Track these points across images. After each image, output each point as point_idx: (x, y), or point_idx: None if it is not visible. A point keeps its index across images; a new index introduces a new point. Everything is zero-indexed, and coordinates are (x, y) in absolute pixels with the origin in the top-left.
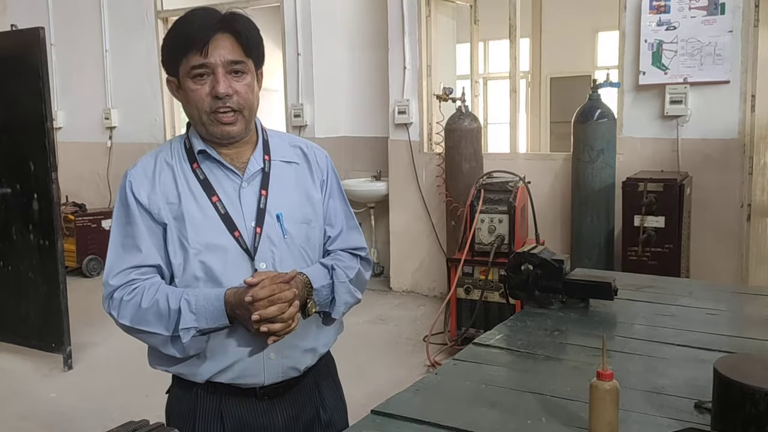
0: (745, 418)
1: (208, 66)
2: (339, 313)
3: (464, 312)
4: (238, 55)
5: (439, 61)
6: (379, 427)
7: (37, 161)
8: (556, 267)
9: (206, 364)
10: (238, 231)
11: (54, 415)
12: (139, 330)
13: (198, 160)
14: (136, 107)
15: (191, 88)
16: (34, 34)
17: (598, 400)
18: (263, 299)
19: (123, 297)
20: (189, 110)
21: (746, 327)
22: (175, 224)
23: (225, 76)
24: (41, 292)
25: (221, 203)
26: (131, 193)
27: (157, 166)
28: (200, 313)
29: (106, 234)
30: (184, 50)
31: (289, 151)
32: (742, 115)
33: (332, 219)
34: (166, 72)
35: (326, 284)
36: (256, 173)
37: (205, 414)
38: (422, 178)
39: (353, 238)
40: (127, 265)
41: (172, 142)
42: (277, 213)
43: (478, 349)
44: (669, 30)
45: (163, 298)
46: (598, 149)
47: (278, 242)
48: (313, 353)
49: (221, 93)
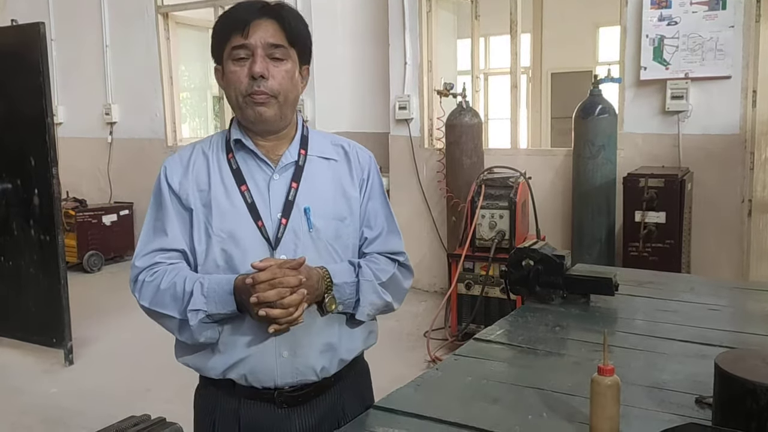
0: (746, 413)
1: (248, 47)
2: (364, 314)
3: (465, 307)
4: (279, 40)
5: (440, 57)
6: (380, 422)
7: (38, 156)
8: (556, 262)
9: (217, 357)
10: (261, 221)
11: (55, 410)
12: (156, 312)
13: (233, 150)
14: (136, 103)
15: (231, 69)
16: (34, 30)
17: (599, 396)
18: (263, 282)
19: (145, 279)
20: (228, 93)
21: (747, 322)
22: (202, 211)
23: (263, 58)
24: (42, 288)
25: (249, 192)
26: (165, 178)
27: (193, 155)
28: (210, 296)
29: (106, 229)
30: (227, 33)
31: (329, 148)
32: (744, 111)
33: (371, 220)
34: (214, 61)
35: (350, 281)
36: (289, 165)
37: (223, 416)
38: (423, 173)
39: (393, 242)
40: (154, 247)
41: (213, 135)
42: (305, 207)
43: (479, 344)
44: (670, 25)
45: (181, 281)
46: (599, 145)
47: (303, 236)
48: (332, 356)
49: (256, 72)
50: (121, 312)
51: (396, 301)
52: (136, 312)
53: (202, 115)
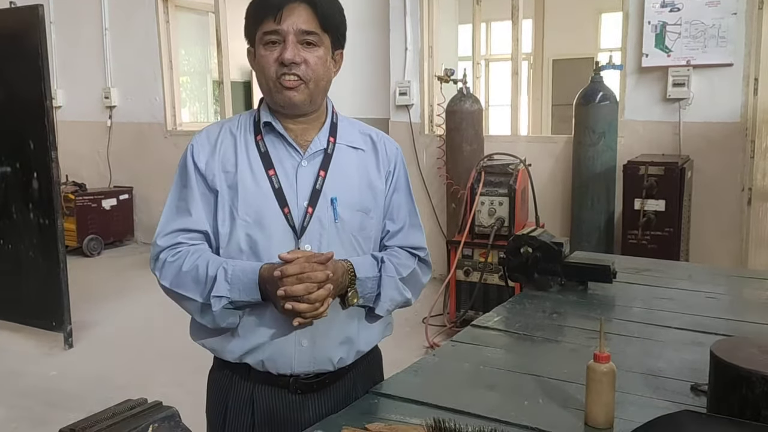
0: (741, 400)
1: (279, 33)
2: (383, 309)
3: (463, 294)
4: (312, 26)
5: (441, 43)
6: (378, 407)
7: (37, 140)
8: (555, 250)
9: (236, 341)
10: (288, 208)
11: (54, 393)
12: (177, 293)
13: (262, 133)
14: (136, 87)
15: (262, 53)
16: (32, 12)
17: (595, 382)
18: (292, 275)
19: (167, 258)
20: (258, 77)
21: (744, 310)
22: (228, 192)
23: (295, 45)
24: (41, 271)
25: (276, 177)
26: (191, 157)
27: (221, 135)
28: (234, 283)
29: (106, 213)
30: (260, 17)
31: (357, 137)
32: (745, 99)
33: (394, 214)
34: (248, 42)
35: (373, 276)
36: (318, 153)
37: (237, 399)
38: (423, 160)
39: (414, 236)
40: (176, 227)
41: (242, 115)
42: (332, 197)
43: (477, 331)
44: (673, 12)
45: (203, 264)
46: (600, 132)
47: (328, 226)
48: (350, 348)
49: (287, 59)
50: (121, 296)
51: (414, 296)
52: (136, 296)
53: (202, 99)
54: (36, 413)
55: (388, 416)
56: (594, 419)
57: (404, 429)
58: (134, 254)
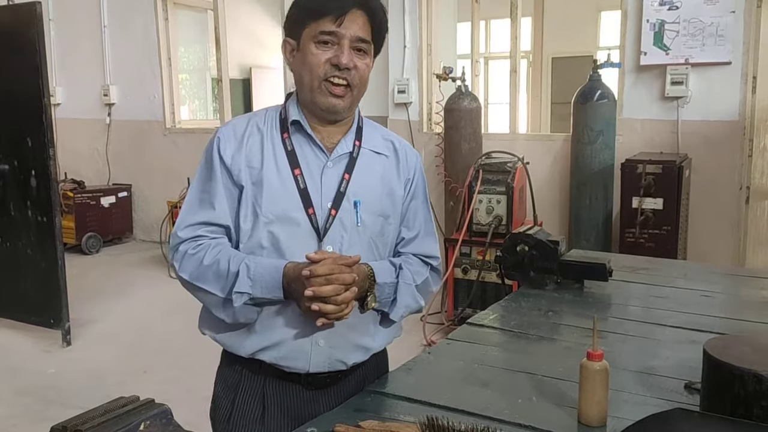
0: (734, 398)
1: (337, 35)
2: (398, 315)
3: (461, 292)
4: (366, 35)
5: (440, 40)
6: (372, 404)
7: (35, 137)
8: (551, 248)
9: (253, 337)
10: (312, 209)
11: (52, 390)
12: (196, 286)
13: (289, 131)
14: (135, 84)
15: (312, 51)
16: (30, 9)
17: (588, 380)
18: (321, 276)
19: (188, 251)
20: (301, 74)
21: (740, 309)
22: (252, 189)
23: (349, 50)
24: (40, 269)
25: (302, 177)
26: (217, 150)
27: (248, 129)
28: (257, 280)
29: (105, 211)
30: (318, 15)
31: (380, 142)
32: (743, 97)
33: (410, 221)
34: (286, 34)
35: (390, 282)
36: (344, 156)
37: (246, 394)
38: (421, 157)
39: (428, 245)
40: (199, 219)
41: (268, 109)
42: (356, 200)
43: (472, 328)
44: (671, 10)
45: (225, 259)
46: (598, 130)
47: (350, 229)
48: (365, 350)
49: (343, 64)
50: (119, 294)
51: (426, 303)
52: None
53: (201, 97)
54: (34, 410)
55: (382, 414)
56: (587, 417)
57: (397, 427)
58: (133, 252)
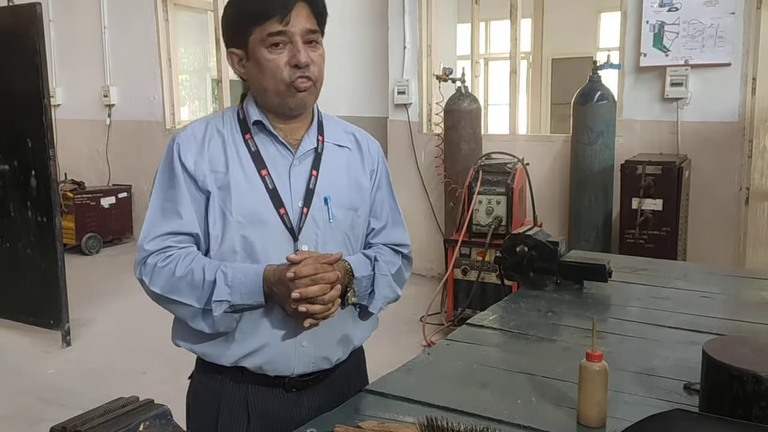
0: (733, 399)
1: (286, 34)
2: (377, 307)
3: (461, 293)
4: (313, 25)
5: (440, 41)
6: (371, 405)
7: (35, 138)
8: (550, 249)
9: (234, 345)
10: (284, 208)
11: (52, 391)
12: (169, 299)
13: (252, 132)
14: (135, 85)
15: (267, 57)
16: (30, 10)
17: (588, 381)
18: (306, 277)
19: (157, 263)
20: (262, 81)
21: (739, 310)
22: (219, 193)
23: (303, 46)
24: (39, 269)
25: (270, 178)
26: (178, 156)
27: (207, 132)
28: (236, 287)
29: (105, 212)
30: (263, 17)
31: (342, 135)
32: (743, 98)
33: (378, 211)
34: (229, 45)
35: (367, 275)
36: (309, 152)
37: (230, 404)
38: (421, 158)
39: (397, 233)
40: (165, 230)
41: (224, 111)
42: (326, 196)
43: (472, 329)
44: (671, 11)
45: (199, 269)
46: (598, 131)
47: (323, 226)
48: (346, 345)
49: (303, 63)
50: (119, 294)
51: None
52: (134, 294)
53: (201, 97)
54: (34, 411)
55: (381, 415)
56: (586, 418)
57: (397, 427)
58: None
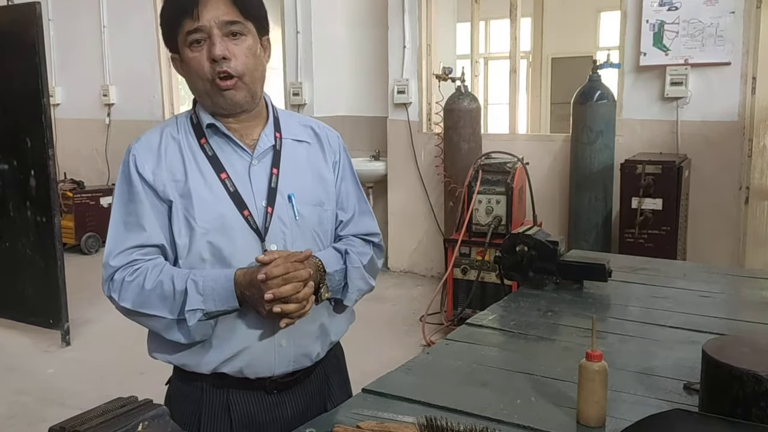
0: (732, 399)
1: (202, 30)
2: (351, 300)
3: (461, 292)
4: (233, 16)
5: (439, 40)
6: (370, 405)
7: (34, 137)
8: (550, 248)
9: (212, 352)
10: (248, 210)
11: (52, 391)
12: (141, 313)
13: (206, 135)
14: (134, 84)
15: (189, 56)
16: (29, 9)
17: (587, 381)
18: (277, 277)
19: (125, 278)
20: (192, 83)
21: (739, 309)
22: (181, 202)
23: (222, 39)
24: (39, 269)
25: (230, 180)
26: (135, 168)
27: (162, 141)
28: (208, 294)
29: (104, 211)
30: (177, 19)
31: (300, 130)
32: (743, 98)
33: (344, 203)
34: (169, 50)
35: (339, 269)
36: (267, 151)
37: (211, 410)
38: (421, 158)
39: (366, 223)
40: (130, 244)
41: (177, 117)
42: (289, 194)
43: (471, 329)
44: (671, 10)
45: (168, 280)
46: (597, 131)
47: (290, 224)
48: (324, 340)
49: (217, 55)
50: None
51: (374, 281)
52: None
53: None
54: (33, 410)
55: (380, 414)
56: (586, 417)
57: (396, 427)
58: None
